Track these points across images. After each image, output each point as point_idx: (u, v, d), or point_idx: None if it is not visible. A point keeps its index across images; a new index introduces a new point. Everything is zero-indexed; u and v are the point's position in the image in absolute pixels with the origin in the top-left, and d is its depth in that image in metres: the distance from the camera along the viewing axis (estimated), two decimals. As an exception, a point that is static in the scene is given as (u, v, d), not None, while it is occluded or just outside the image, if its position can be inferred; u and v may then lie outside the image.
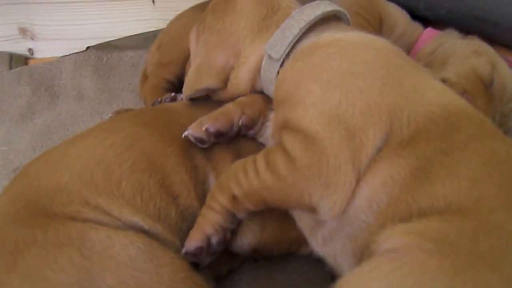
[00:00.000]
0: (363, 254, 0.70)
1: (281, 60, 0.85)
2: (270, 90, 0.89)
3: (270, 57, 0.86)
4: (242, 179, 0.78)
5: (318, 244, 0.80)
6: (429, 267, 0.57)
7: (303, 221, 0.81)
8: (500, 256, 0.59)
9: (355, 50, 0.80)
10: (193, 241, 0.80)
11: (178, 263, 0.74)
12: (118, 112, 1.18)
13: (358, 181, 0.72)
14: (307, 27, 0.84)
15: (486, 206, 0.64)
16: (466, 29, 1.34)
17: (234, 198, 0.79)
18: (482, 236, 0.60)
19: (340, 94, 0.74)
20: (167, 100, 1.12)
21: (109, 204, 0.77)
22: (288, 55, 0.86)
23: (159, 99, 1.16)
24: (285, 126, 0.78)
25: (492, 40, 1.39)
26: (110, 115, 1.21)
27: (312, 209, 0.74)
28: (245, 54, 0.91)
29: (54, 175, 0.80)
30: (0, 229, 0.75)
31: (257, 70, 0.91)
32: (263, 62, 0.88)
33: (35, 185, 0.79)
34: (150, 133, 0.87)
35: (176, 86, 1.29)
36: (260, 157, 0.78)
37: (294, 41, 0.85)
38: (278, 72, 0.86)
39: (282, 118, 0.79)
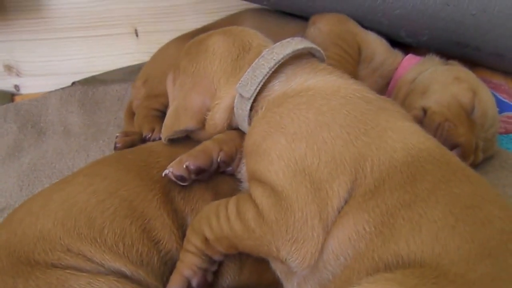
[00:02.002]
0: None
1: (252, 98, 0.88)
2: (244, 127, 0.92)
3: (241, 96, 0.89)
4: (214, 224, 0.80)
5: (297, 286, 0.81)
6: None
7: (277, 267, 0.83)
8: None
9: (322, 99, 0.82)
10: (173, 285, 0.82)
11: None
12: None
13: (327, 233, 0.73)
14: (276, 66, 0.88)
15: (448, 260, 0.65)
16: (448, 54, 1.36)
17: (206, 241, 0.81)
18: (442, 281, 0.61)
19: (305, 146, 0.76)
20: (157, 138, 1.15)
21: (92, 251, 0.79)
22: (258, 101, 0.89)
23: (151, 131, 1.21)
24: (254, 177, 0.80)
25: (475, 63, 1.44)
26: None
27: (281, 261, 0.76)
28: (220, 94, 0.95)
29: (37, 222, 0.82)
30: None
31: (232, 109, 0.94)
32: (236, 101, 0.92)
33: (19, 233, 0.81)
34: (131, 179, 0.89)
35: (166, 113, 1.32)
36: (232, 204, 0.80)
37: (264, 80, 0.88)
38: (250, 109, 0.89)
39: (251, 168, 0.82)
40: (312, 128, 0.78)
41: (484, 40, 1.34)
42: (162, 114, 1.33)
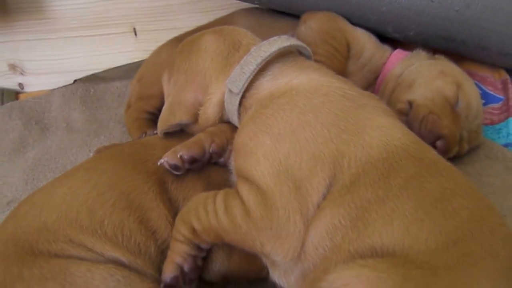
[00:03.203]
0: None
1: (241, 94, 0.91)
2: (234, 120, 0.96)
3: (231, 91, 0.92)
4: (202, 216, 0.83)
5: (281, 276, 0.84)
6: None
7: (263, 257, 0.86)
8: (429, 281, 0.63)
9: (304, 99, 0.85)
10: (167, 273, 0.85)
11: None
12: (99, 151, 1.23)
13: (307, 227, 0.76)
14: (263, 63, 0.90)
15: (417, 250, 0.68)
16: (435, 48, 1.38)
17: (194, 231, 0.84)
18: (411, 267, 0.65)
19: (289, 145, 0.80)
20: (151, 135, 1.17)
21: (92, 241, 0.82)
22: (246, 97, 0.92)
23: (143, 134, 1.22)
24: (241, 174, 0.83)
25: (461, 57, 1.45)
26: (92, 154, 1.26)
27: (265, 255, 0.80)
28: (211, 90, 0.98)
29: (41, 214, 0.84)
30: None
31: (223, 104, 0.97)
32: (226, 96, 0.95)
33: (24, 225, 0.84)
34: (129, 172, 0.92)
35: (156, 116, 1.32)
36: (220, 199, 0.83)
37: (252, 76, 0.90)
38: (240, 104, 0.92)
39: (238, 166, 0.85)
40: (295, 128, 0.81)
41: (469, 34, 1.35)
42: (153, 117, 1.37)
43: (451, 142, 1.14)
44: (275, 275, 0.85)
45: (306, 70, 0.92)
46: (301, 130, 0.81)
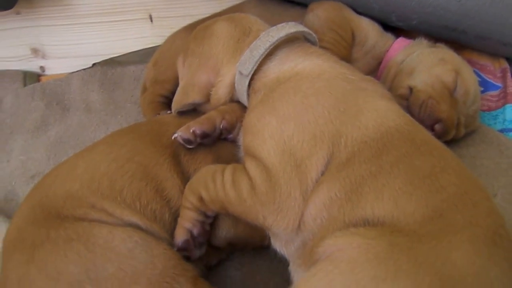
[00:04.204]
0: (311, 256, 0.79)
1: (250, 76, 0.97)
2: (243, 100, 1.01)
3: (241, 73, 0.98)
4: (210, 187, 0.89)
5: (282, 245, 0.90)
6: (358, 262, 0.67)
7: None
8: (413, 246, 0.68)
9: (308, 83, 0.90)
10: (179, 237, 0.91)
11: (169, 253, 0.85)
12: None
13: (306, 201, 0.82)
14: (271, 47, 0.96)
15: (404, 222, 0.73)
16: (436, 37, 1.42)
17: (201, 200, 0.90)
18: (397, 235, 0.70)
19: (293, 127, 0.85)
20: (164, 114, 1.23)
21: (113, 207, 0.88)
22: (255, 80, 0.97)
23: (157, 115, 1.28)
24: (248, 152, 0.89)
25: (463, 45, 1.49)
26: None
27: (265, 228, 0.86)
28: (223, 72, 1.03)
29: (66, 184, 0.91)
30: (21, 229, 0.87)
31: (233, 85, 1.02)
32: (236, 77, 1.00)
33: (50, 193, 0.91)
34: (146, 146, 0.98)
35: (170, 100, 1.35)
36: (228, 173, 0.89)
37: (260, 59, 0.96)
38: (248, 86, 0.98)
39: (246, 144, 0.91)
40: (298, 111, 0.86)
41: (470, 24, 1.38)
42: (166, 100, 1.41)
43: (449, 126, 1.19)
44: (277, 245, 0.91)
45: (311, 56, 0.97)
46: (304, 112, 0.86)
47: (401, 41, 1.39)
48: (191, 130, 0.98)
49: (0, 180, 1.40)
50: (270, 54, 0.97)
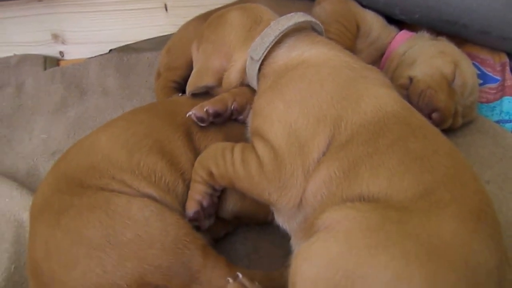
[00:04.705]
0: (311, 229, 0.84)
1: (260, 61, 1.02)
2: (254, 84, 1.07)
3: (252, 58, 1.04)
4: (220, 163, 0.95)
5: (285, 221, 0.97)
6: (353, 232, 0.73)
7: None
8: (403, 219, 0.74)
9: (314, 70, 0.96)
10: (190, 208, 0.98)
11: (181, 223, 0.92)
12: None
13: (308, 179, 0.88)
14: (280, 35, 1.02)
15: (397, 199, 0.78)
16: (438, 31, 1.46)
17: (211, 174, 0.97)
18: (390, 209, 0.76)
19: (299, 110, 0.91)
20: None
21: (131, 179, 0.95)
22: (264, 65, 1.03)
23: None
24: (257, 133, 0.95)
25: (464, 40, 1.53)
26: None
27: (269, 204, 0.93)
28: (235, 58, 1.10)
29: (88, 157, 0.98)
30: (47, 197, 0.94)
31: (244, 70, 1.08)
32: (247, 63, 1.06)
33: (73, 165, 0.98)
34: (162, 124, 1.05)
35: (182, 86, 1.43)
36: (237, 151, 0.95)
37: (270, 46, 1.02)
38: (259, 70, 1.04)
39: (255, 126, 0.97)
40: (304, 96, 0.92)
41: (471, 19, 1.42)
42: (179, 86, 1.46)
43: (446, 115, 1.24)
44: (280, 220, 0.98)
45: (317, 45, 1.03)
46: (308, 98, 0.92)
47: (404, 34, 1.44)
48: (205, 109, 1.05)
49: (23, 157, 1.47)
50: (279, 41, 1.03)
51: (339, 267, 0.72)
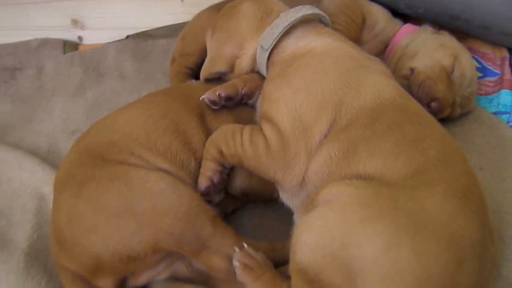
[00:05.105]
0: (312, 204, 0.90)
1: (269, 49, 1.09)
2: (263, 71, 1.14)
3: (262, 47, 1.11)
4: (230, 143, 1.03)
5: (289, 198, 1.04)
6: (349, 206, 0.81)
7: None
8: (395, 195, 0.81)
9: (318, 60, 1.03)
10: (202, 183, 1.06)
11: (194, 195, 0.99)
12: None
13: (310, 160, 0.95)
14: (289, 26, 1.08)
15: (390, 178, 0.85)
16: (441, 25, 1.52)
17: (221, 153, 1.04)
18: (383, 186, 0.83)
19: (304, 96, 0.98)
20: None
21: (148, 155, 1.02)
22: (273, 54, 1.10)
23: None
24: (265, 116, 1.02)
25: (466, 34, 1.59)
26: None
27: (274, 181, 1.00)
28: (246, 46, 1.17)
29: (108, 134, 1.05)
30: (70, 170, 1.01)
31: (255, 58, 1.15)
32: (257, 51, 1.13)
33: (95, 141, 1.05)
34: (177, 106, 1.12)
35: (195, 72, 1.49)
36: (246, 133, 1.02)
37: (279, 36, 1.08)
38: (268, 58, 1.10)
39: (264, 110, 1.04)
40: (309, 84, 0.99)
41: (472, 14, 1.48)
42: (192, 72, 1.52)
43: (444, 104, 1.30)
44: (284, 198, 1.06)
45: (323, 36, 1.09)
46: (313, 85, 0.98)
47: (408, 27, 1.50)
48: (217, 93, 1.12)
49: (44, 136, 1.54)
50: (288, 32, 1.10)
51: (335, 236, 0.79)
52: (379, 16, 1.51)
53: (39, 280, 1.07)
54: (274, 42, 1.09)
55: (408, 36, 1.46)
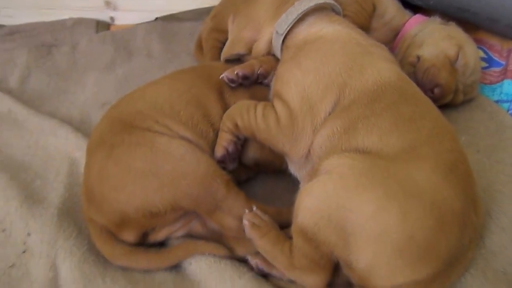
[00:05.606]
0: (314, 174, 0.98)
1: (284, 35, 1.17)
2: (278, 54, 1.22)
3: (277, 32, 1.19)
4: (244, 117, 1.11)
5: (296, 169, 1.13)
6: (346, 175, 0.89)
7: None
8: (388, 166, 0.89)
9: (328, 45, 1.10)
10: (218, 152, 1.15)
11: (211, 161, 1.09)
12: None
13: (315, 134, 1.03)
14: (302, 14, 1.16)
15: (385, 151, 0.93)
16: (451, 17, 1.56)
17: (236, 125, 1.13)
18: (378, 159, 0.91)
19: (312, 77, 1.05)
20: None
21: (172, 124, 1.11)
22: (287, 39, 1.17)
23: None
24: (277, 94, 1.11)
25: (475, 26, 1.64)
26: None
27: (283, 153, 1.09)
28: (263, 31, 1.24)
29: (137, 105, 1.14)
30: (102, 135, 1.10)
31: (271, 42, 1.23)
32: (273, 36, 1.21)
33: (125, 111, 1.14)
34: (199, 83, 1.21)
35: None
36: (260, 107, 1.11)
37: (293, 22, 1.16)
38: (282, 42, 1.18)
39: (276, 89, 1.13)
40: (318, 66, 1.06)
41: (480, 7, 1.53)
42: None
43: (446, 91, 1.36)
44: (292, 169, 1.15)
45: (333, 23, 1.16)
46: (321, 68, 1.06)
47: (418, 18, 1.55)
48: (235, 72, 1.20)
49: (77, 107, 1.64)
50: (301, 19, 1.17)
51: (333, 201, 0.89)
52: (389, 5, 1.56)
53: (70, 232, 1.15)
54: (288, 28, 1.16)
55: (417, 26, 1.51)
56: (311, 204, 0.92)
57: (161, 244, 1.15)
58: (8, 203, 1.25)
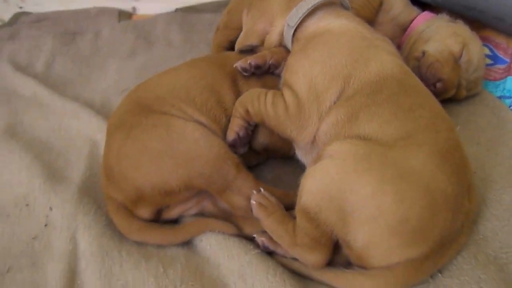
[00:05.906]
0: (319, 159, 1.02)
1: (294, 27, 1.22)
2: (288, 45, 1.26)
3: (288, 25, 1.23)
4: (255, 104, 1.16)
5: (303, 155, 1.19)
6: (347, 159, 0.94)
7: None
8: (385, 152, 0.94)
9: (335, 38, 1.15)
10: (229, 136, 1.20)
11: (222, 144, 1.14)
12: None
13: (321, 122, 1.08)
14: (312, 8, 1.20)
15: (384, 140, 0.97)
16: (459, 14, 1.59)
17: (247, 112, 1.18)
18: (377, 146, 0.96)
19: (320, 68, 1.10)
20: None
21: (187, 108, 1.16)
22: (297, 32, 1.21)
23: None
24: (287, 83, 1.16)
25: (482, 25, 1.66)
26: None
27: (291, 139, 1.14)
28: (276, 24, 1.29)
29: (155, 89, 1.20)
30: (122, 117, 1.16)
31: (282, 34, 1.28)
32: (285, 28, 1.26)
33: (143, 95, 1.20)
34: (214, 71, 1.26)
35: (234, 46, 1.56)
36: (269, 96, 1.16)
37: (303, 16, 1.20)
38: (293, 35, 1.23)
39: (286, 79, 1.17)
40: (325, 58, 1.11)
41: (486, 5, 1.55)
42: (231, 46, 1.63)
43: (448, 86, 1.40)
44: (299, 154, 1.21)
45: (341, 18, 1.21)
46: (328, 59, 1.11)
47: (426, 14, 1.58)
48: (248, 62, 1.25)
49: (99, 92, 1.71)
50: (311, 13, 1.22)
51: (333, 183, 0.94)
52: (396, 1, 1.58)
53: (89, 208, 1.22)
54: (299, 22, 1.21)
55: (425, 23, 1.54)
56: (314, 186, 0.97)
57: (174, 222, 1.20)
58: (32, 180, 1.32)
